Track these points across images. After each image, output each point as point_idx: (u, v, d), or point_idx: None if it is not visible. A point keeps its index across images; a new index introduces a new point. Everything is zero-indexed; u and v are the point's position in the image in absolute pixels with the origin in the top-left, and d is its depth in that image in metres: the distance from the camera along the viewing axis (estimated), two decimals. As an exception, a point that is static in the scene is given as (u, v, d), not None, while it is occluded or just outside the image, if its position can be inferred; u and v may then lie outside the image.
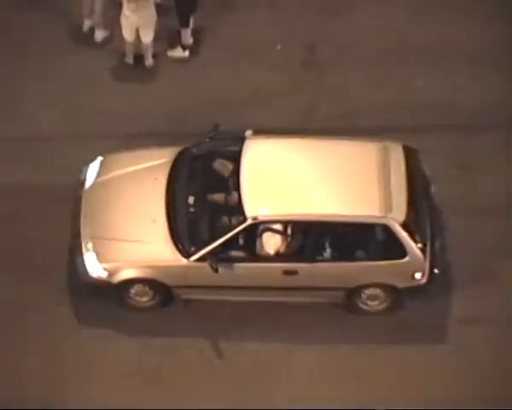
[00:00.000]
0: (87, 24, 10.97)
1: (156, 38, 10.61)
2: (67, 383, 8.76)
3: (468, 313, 9.31)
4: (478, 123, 10.52)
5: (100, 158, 9.46)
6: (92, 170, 9.42)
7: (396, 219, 8.74)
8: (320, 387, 8.88)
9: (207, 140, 9.40)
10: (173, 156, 9.28)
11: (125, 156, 9.45)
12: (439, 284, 9.17)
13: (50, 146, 9.95)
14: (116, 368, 8.87)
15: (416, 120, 10.53)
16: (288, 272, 8.87)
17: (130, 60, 10.77)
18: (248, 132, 9.20)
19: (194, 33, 10.88)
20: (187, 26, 10.77)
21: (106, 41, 10.93)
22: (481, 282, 9.48)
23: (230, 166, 9.15)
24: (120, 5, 10.33)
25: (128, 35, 10.48)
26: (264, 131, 9.37)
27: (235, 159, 9.05)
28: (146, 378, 8.83)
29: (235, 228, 8.74)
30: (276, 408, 8.74)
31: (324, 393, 8.82)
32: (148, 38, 10.52)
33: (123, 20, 10.41)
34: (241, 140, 9.12)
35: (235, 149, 9.09)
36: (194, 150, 9.36)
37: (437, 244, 9.12)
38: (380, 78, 10.79)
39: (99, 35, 10.92)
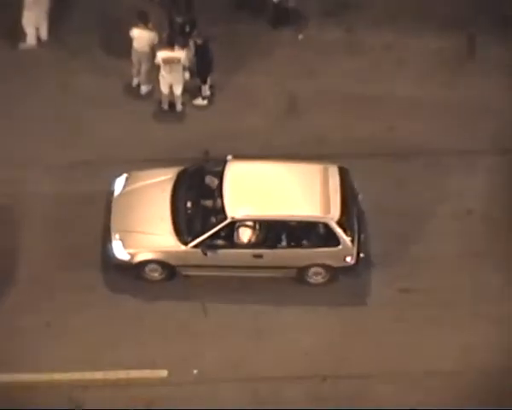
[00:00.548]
0: (135, 81, 14.71)
1: (184, 91, 14.42)
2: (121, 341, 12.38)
3: (386, 284, 13.06)
4: (398, 153, 14.31)
5: (125, 175, 13.09)
6: (119, 183, 13.03)
7: (333, 218, 12.45)
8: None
9: (201, 162, 13.11)
10: (176, 174, 12.93)
11: (142, 173, 13.06)
12: (364, 264, 12.97)
13: (93, 167, 13.66)
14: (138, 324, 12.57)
15: (358, 149, 14.23)
16: (256, 256, 12.48)
17: (165, 106, 14.57)
18: (229, 157, 12.87)
19: (211, 88, 14.72)
20: (205, 82, 14.59)
21: (148, 93, 14.72)
22: (394, 263, 13.26)
23: (216, 181, 12.73)
24: (158, 68, 14.14)
25: (164, 89, 14.34)
26: (242, 156, 13.06)
27: (220, 175, 12.69)
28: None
29: (219, 224, 12.34)
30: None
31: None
32: (178, 91, 14.39)
33: (161, 79, 14.26)
34: (224, 162, 12.81)
35: (220, 168, 12.73)
36: (191, 169, 13.00)
37: (362, 236, 12.82)
38: (334, 122, 14.47)
39: (144, 89, 14.70)
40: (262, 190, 12.61)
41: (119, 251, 12.52)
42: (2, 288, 12.51)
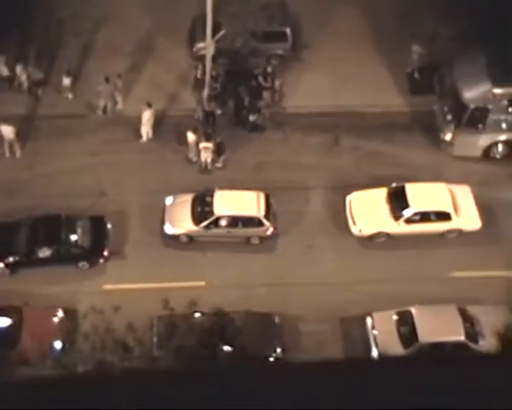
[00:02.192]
0: (191, 155, 30.73)
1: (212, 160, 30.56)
2: (173, 268, 28.54)
3: (293, 247, 28.77)
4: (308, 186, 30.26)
5: (171, 196, 29.33)
6: (168, 200, 29.28)
7: (261, 215, 28.41)
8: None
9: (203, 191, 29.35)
10: (192, 196, 29.17)
11: (178, 195, 29.29)
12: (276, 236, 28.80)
13: (158, 193, 29.93)
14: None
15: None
16: (228, 232, 28.52)
17: (203, 166, 30.67)
18: (217, 188, 29.06)
19: (224, 160, 30.80)
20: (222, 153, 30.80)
21: (195, 160, 30.73)
22: (299, 234, 29.04)
23: (210, 199, 28.90)
24: (197, 145, 30.33)
25: (203, 159, 30.36)
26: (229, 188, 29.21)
27: (212, 196, 28.85)
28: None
29: (211, 218, 28.46)
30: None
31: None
32: (209, 160, 30.35)
33: (202, 152, 30.31)
34: (213, 191, 28.98)
35: (212, 193, 28.91)
36: (198, 194, 29.18)
37: (276, 221, 28.77)
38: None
39: (193, 158, 30.67)
40: (233, 201, 28.64)
41: (168, 229, 28.76)
42: (118, 245, 28.73)
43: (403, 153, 31.32)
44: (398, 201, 28.70)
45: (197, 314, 25.36)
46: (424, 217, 28.50)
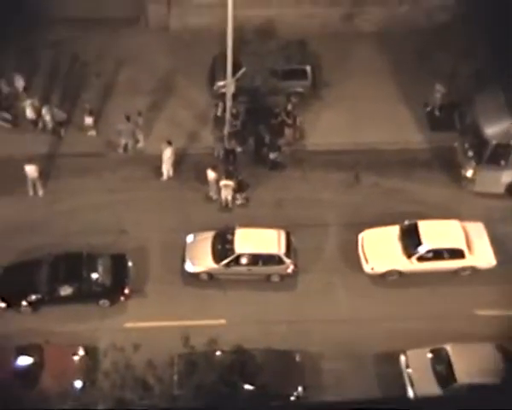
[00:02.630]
0: (211, 193, 30.79)
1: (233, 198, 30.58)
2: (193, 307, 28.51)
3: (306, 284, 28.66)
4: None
5: (192, 234, 29.35)
6: (189, 238, 29.30)
7: (282, 253, 28.33)
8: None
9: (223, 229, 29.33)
10: (213, 234, 29.15)
11: (199, 233, 29.30)
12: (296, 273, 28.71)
13: (178, 231, 29.98)
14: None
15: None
16: (248, 269, 28.43)
17: (223, 204, 30.70)
18: (237, 226, 29.05)
19: (246, 198, 30.88)
20: (243, 191, 30.82)
21: (215, 198, 30.72)
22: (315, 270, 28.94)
23: (231, 237, 28.86)
24: (218, 182, 30.42)
25: (223, 197, 30.39)
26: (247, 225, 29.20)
27: (233, 234, 28.82)
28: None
29: (231, 256, 28.42)
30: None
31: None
32: (229, 197, 30.40)
33: (222, 190, 30.34)
34: (234, 228, 28.96)
35: (232, 231, 28.90)
36: (218, 232, 29.12)
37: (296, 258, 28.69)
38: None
39: (214, 197, 30.75)
40: (257, 239, 28.60)
41: (189, 267, 28.75)
42: (139, 283, 28.68)
43: (423, 190, 31.21)
44: (410, 238, 28.55)
45: (218, 352, 25.22)
46: (437, 254, 28.30)
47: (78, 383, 25.66)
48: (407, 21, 35.75)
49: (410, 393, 25.64)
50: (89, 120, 32.30)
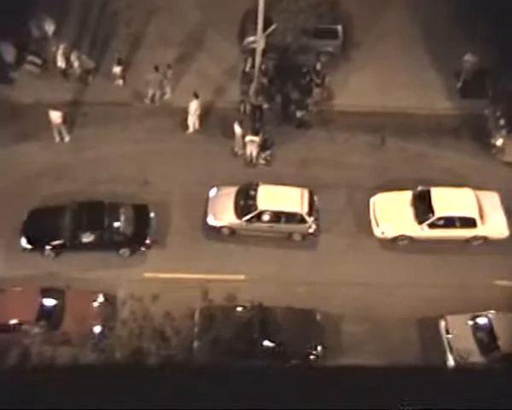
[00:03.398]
0: (236, 149, 30.72)
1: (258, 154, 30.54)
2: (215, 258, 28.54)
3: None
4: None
5: (215, 187, 29.29)
6: (212, 191, 29.26)
7: (304, 212, 28.26)
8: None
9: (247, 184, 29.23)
10: (236, 189, 29.04)
11: (223, 188, 29.24)
12: (318, 233, 28.67)
13: (204, 184, 29.94)
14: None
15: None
16: (270, 226, 28.41)
17: (248, 160, 30.55)
18: (261, 182, 28.95)
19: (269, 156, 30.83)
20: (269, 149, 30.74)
21: (240, 154, 30.71)
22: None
23: (254, 193, 28.80)
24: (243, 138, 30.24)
25: (248, 152, 30.32)
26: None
27: (256, 190, 28.75)
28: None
29: (254, 212, 28.38)
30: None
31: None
32: (254, 153, 30.39)
33: (248, 146, 30.24)
34: (257, 185, 28.87)
35: (256, 187, 28.83)
36: (242, 188, 29.02)
37: (319, 219, 28.64)
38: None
39: (238, 150, 30.67)
40: (280, 197, 28.55)
41: (211, 220, 28.76)
42: (160, 235, 28.78)
43: (450, 157, 30.94)
44: (422, 204, 28.38)
45: (239, 308, 25.25)
46: (448, 222, 28.11)
47: (98, 329, 25.89)
48: (442, -16, 35.24)
49: (450, 359, 25.57)
50: (117, 69, 32.21)
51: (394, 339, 26.39)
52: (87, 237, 27.57)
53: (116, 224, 27.82)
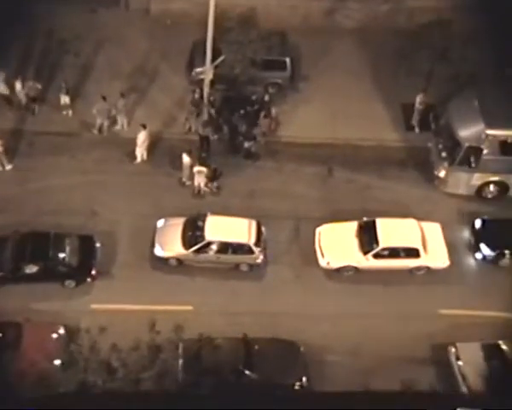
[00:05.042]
0: (184, 179, 30.57)
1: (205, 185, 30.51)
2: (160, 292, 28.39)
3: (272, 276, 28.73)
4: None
5: (162, 219, 29.25)
6: (159, 222, 29.16)
7: (252, 242, 28.35)
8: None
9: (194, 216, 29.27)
10: (184, 220, 29.05)
11: (170, 219, 29.19)
12: (265, 264, 28.75)
13: (150, 216, 29.86)
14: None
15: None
16: (218, 257, 28.40)
17: (195, 191, 30.46)
18: (209, 213, 28.99)
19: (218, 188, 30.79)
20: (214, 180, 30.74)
21: (188, 184, 30.61)
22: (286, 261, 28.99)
23: (202, 224, 28.83)
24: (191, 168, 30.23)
25: (196, 183, 30.28)
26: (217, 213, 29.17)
27: (204, 221, 28.77)
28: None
29: (201, 242, 28.40)
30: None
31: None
32: (202, 184, 30.32)
33: (195, 177, 30.20)
34: (205, 216, 28.91)
35: (203, 218, 28.85)
36: (189, 218, 29.05)
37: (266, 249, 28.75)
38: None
39: (187, 182, 30.54)
40: (224, 226, 28.56)
41: (158, 251, 28.65)
42: (106, 265, 28.50)
43: (396, 188, 31.36)
44: (367, 235, 28.75)
45: (219, 340, 25.12)
46: (393, 252, 28.51)
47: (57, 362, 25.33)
48: (388, 20, 35.90)
49: (463, 387, 25.89)
50: (65, 99, 32.05)
51: (339, 369, 26.49)
52: (30, 269, 27.18)
53: (61, 255, 27.54)
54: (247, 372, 25.19)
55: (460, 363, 26.31)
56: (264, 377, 25.27)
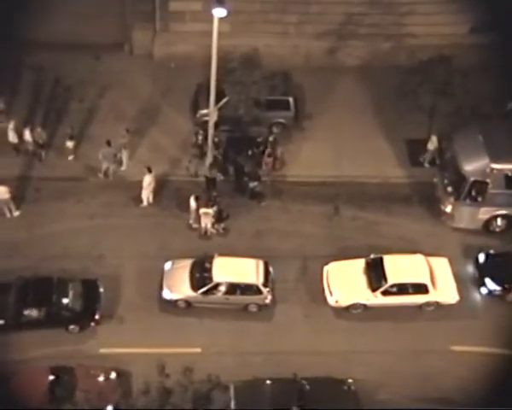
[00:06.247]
0: (191, 221, 30.54)
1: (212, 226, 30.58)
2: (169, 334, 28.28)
3: (281, 316, 28.60)
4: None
5: (170, 261, 29.25)
6: (167, 264, 29.18)
7: (260, 283, 28.28)
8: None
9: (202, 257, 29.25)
10: (191, 262, 29.04)
11: (177, 260, 29.18)
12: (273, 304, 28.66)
13: (156, 259, 29.83)
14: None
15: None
16: (226, 298, 28.34)
17: (202, 232, 30.47)
18: (216, 254, 28.99)
19: (224, 229, 30.83)
20: (223, 221, 30.80)
21: (195, 227, 30.65)
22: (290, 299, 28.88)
23: (210, 266, 28.79)
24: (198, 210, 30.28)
25: (203, 225, 30.34)
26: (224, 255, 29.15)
27: (211, 262, 28.76)
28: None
29: (209, 284, 28.35)
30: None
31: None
32: (209, 225, 30.34)
33: (202, 218, 30.27)
34: (213, 257, 28.90)
35: (211, 259, 28.83)
36: (197, 260, 29.03)
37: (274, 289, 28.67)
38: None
39: (194, 225, 30.59)
40: (235, 268, 28.52)
41: (166, 294, 28.60)
42: (113, 309, 28.46)
43: (402, 224, 31.32)
44: (375, 272, 28.67)
45: (268, 381, 25.62)
46: (401, 289, 28.40)
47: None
48: (390, 58, 36.12)
49: None
50: (70, 144, 32.24)
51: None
52: (33, 315, 26.98)
53: (64, 300, 27.43)
54: None
55: None
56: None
